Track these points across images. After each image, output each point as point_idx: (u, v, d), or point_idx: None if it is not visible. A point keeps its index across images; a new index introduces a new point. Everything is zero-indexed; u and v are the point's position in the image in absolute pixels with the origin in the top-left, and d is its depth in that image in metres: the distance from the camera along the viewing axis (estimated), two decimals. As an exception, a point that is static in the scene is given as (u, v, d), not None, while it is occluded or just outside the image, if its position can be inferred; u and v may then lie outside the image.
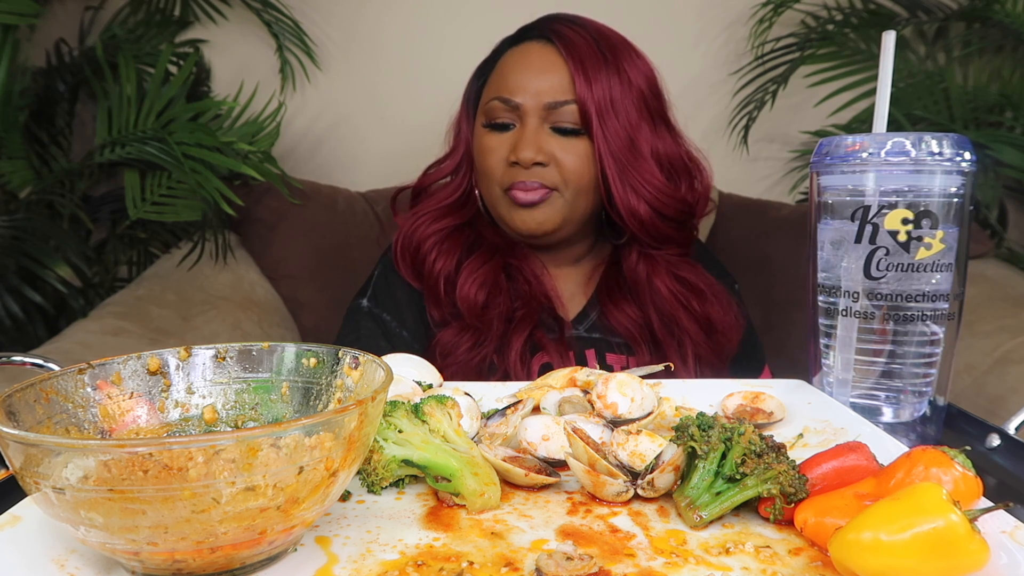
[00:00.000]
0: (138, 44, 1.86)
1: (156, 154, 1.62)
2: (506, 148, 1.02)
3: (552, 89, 1.00)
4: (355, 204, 1.81)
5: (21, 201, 1.73)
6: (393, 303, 1.08)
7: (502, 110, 1.02)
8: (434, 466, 0.49)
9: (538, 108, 1.00)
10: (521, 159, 0.99)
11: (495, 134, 1.03)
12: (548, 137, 1.00)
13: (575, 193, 1.01)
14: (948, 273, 0.61)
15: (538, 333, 1.02)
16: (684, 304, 1.04)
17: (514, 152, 1.00)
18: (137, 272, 1.85)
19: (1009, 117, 1.90)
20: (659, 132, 1.04)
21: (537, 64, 1.02)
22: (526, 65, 1.02)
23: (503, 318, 1.02)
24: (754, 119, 1.95)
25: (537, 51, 1.03)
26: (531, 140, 0.99)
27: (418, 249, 1.07)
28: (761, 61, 1.94)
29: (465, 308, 1.02)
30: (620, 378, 0.63)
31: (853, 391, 0.65)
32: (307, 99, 1.99)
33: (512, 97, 1.01)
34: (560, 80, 1.00)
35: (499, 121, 1.02)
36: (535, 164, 0.99)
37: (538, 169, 1.00)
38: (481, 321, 1.01)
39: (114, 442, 0.38)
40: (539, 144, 0.99)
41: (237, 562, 0.40)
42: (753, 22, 1.92)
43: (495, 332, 1.00)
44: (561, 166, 1.00)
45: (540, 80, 1.00)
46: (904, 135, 0.61)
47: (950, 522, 0.36)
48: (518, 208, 1.02)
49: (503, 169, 1.02)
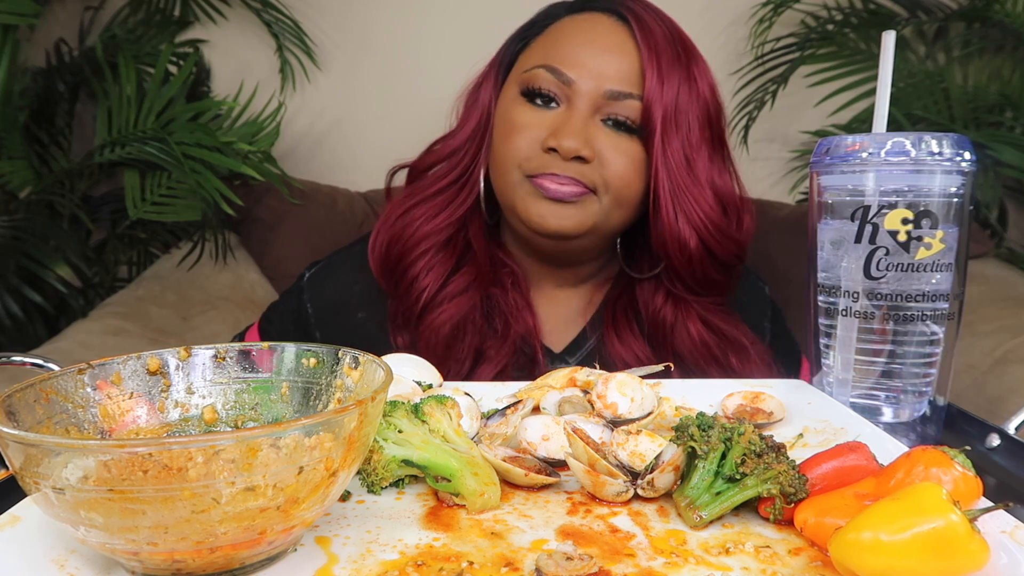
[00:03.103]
0: (138, 44, 1.86)
1: (156, 154, 1.62)
2: (543, 128, 0.84)
3: (618, 76, 0.83)
4: (355, 204, 1.81)
5: (21, 201, 1.73)
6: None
7: (549, 82, 0.84)
8: (434, 466, 0.49)
9: (596, 93, 0.83)
10: (563, 147, 0.82)
11: (532, 108, 0.86)
12: (598, 129, 0.84)
13: (614, 202, 0.86)
14: (948, 273, 0.61)
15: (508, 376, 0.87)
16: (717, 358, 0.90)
17: (554, 136, 0.82)
18: (137, 272, 1.85)
19: (1009, 117, 1.90)
20: (717, 157, 0.90)
21: (603, 41, 0.85)
22: (589, 38, 0.85)
23: (469, 357, 0.88)
24: (754, 119, 1.95)
25: (606, 26, 0.86)
26: (579, 128, 0.82)
27: (400, 253, 0.92)
28: (761, 61, 1.94)
29: (423, 339, 0.88)
30: (620, 378, 0.63)
31: (853, 391, 0.65)
32: (307, 99, 1.99)
33: (565, 70, 0.84)
34: (628, 67, 0.84)
35: (542, 91, 0.85)
36: (576, 158, 0.83)
37: (577, 164, 0.83)
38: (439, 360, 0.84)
39: (114, 442, 0.38)
40: (588, 135, 0.83)
41: (237, 562, 0.40)
42: (753, 22, 1.92)
43: (454, 374, 0.87)
44: (606, 166, 0.84)
45: (604, 60, 0.83)
46: (904, 135, 0.61)
47: (950, 522, 0.36)
48: (543, 200, 0.84)
49: (535, 152, 0.84)
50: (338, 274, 0.98)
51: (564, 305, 0.97)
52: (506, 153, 0.87)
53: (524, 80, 0.87)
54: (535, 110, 0.86)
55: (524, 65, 0.89)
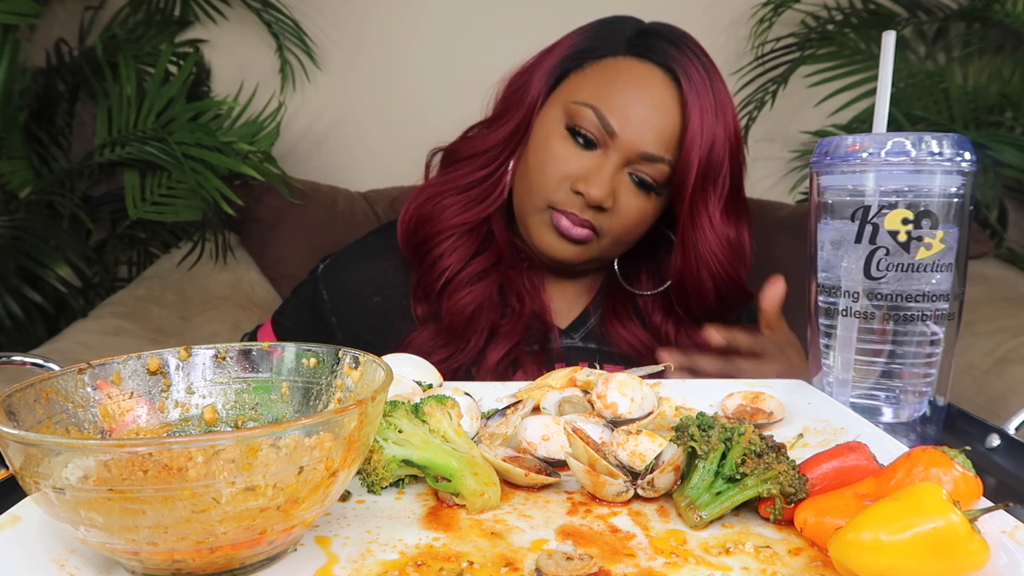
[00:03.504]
0: (138, 44, 1.86)
1: (156, 154, 1.62)
2: (576, 167, 0.90)
3: (656, 139, 0.88)
4: (355, 204, 1.81)
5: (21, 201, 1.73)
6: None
7: (593, 125, 0.89)
8: (434, 466, 0.49)
9: (633, 151, 0.89)
10: (590, 196, 0.88)
11: (572, 145, 0.90)
12: (623, 181, 0.90)
13: (614, 242, 0.94)
14: (948, 273, 0.61)
15: (519, 350, 0.95)
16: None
17: (584, 182, 0.88)
18: (137, 272, 1.85)
19: (1009, 117, 1.90)
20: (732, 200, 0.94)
21: (652, 99, 0.89)
22: (640, 93, 0.89)
23: (485, 332, 0.95)
24: (754, 119, 1.95)
25: (659, 83, 0.90)
26: (608, 179, 0.88)
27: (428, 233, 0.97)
28: (761, 61, 1.94)
29: (448, 317, 0.95)
30: (620, 378, 0.64)
31: (853, 391, 0.65)
32: (307, 99, 1.99)
33: (611, 120, 0.88)
34: (669, 131, 0.89)
35: (585, 132, 0.89)
36: (597, 207, 0.90)
37: (594, 212, 0.90)
38: (461, 336, 0.94)
39: (114, 442, 0.38)
40: (614, 187, 0.89)
41: (237, 562, 0.40)
42: (753, 22, 1.92)
43: (473, 346, 0.94)
44: (620, 217, 0.91)
45: (649, 121, 0.88)
46: (904, 135, 0.61)
47: (950, 522, 0.36)
48: (554, 233, 0.92)
49: (562, 188, 0.90)
50: (354, 262, 1.04)
51: (568, 287, 1.05)
52: (535, 178, 0.92)
53: (571, 113, 0.91)
54: (574, 147, 0.90)
55: (574, 94, 0.92)
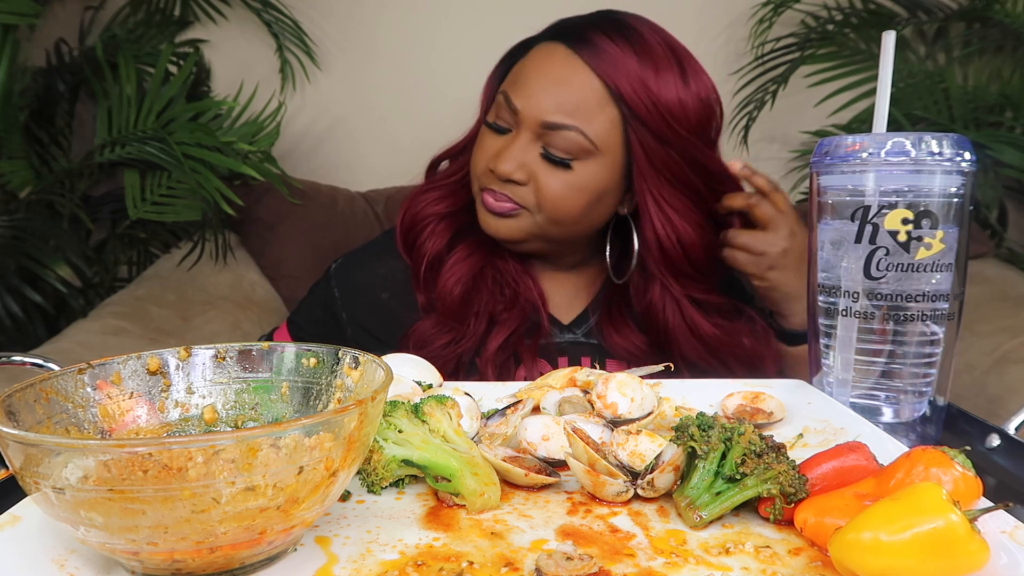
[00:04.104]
0: (138, 44, 1.86)
1: (156, 154, 1.62)
2: (491, 150, 0.94)
3: (555, 107, 0.89)
4: (355, 204, 1.81)
5: (21, 201, 1.73)
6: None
7: (503, 109, 0.93)
8: (434, 466, 0.49)
9: (535, 123, 0.90)
10: (497, 171, 0.91)
11: (491, 133, 0.95)
12: (536, 157, 0.91)
13: (548, 220, 0.93)
14: (948, 273, 0.61)
15: (519, 340, 0.95)
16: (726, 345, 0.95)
17: (494, 160, 0.92)
18: (137, 272, 1.85)
19: (1009, 117, 1.90)
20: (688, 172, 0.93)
21: (551, 75, 0.91)
22: (540, 69, 0.92)
23: (484, 318, 0.96)
24: (754, 119, 1.95)
25: (560, 60, 0.91)
26: (514, 154, 0.91)
27: (412, 226, 1.03)
28: (761, 61, 1.94)
29: (440, 301, 0.97)
30: (620, 378, 0.63)
31: (853, 391, 0.65)
32: (307, 99, 1.99)
33: (514, 99, 0.91)
34: (568, 98, 0.89)
35: (498, 123, 0.94)
36: (509, 181, 0.92)
37: (511, 186, 0.92)
38: (457, 318, 0.96)
39: (114, 442, 0.38)
40: (522, 160, 0.91)
41: (237, 562, 0.40)
42: (753, 22, 1.92)
43: (472, 331, 0.95)
44: (540, 191, 0.91)
45: (547, 94, 0.90)
46: (904, 135, 0.61)
47: (950, 522, 0.36)
48: (486, 211, 0.95)
49: (484, 171, 0.95)
50: (363, 262, 1.08)
51: (567, 283, 1.06)
52: (471, 164, 0.99)
53: (494, 104, 0.97)
54: (492, 134, 0.95)
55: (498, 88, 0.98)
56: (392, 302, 1.03)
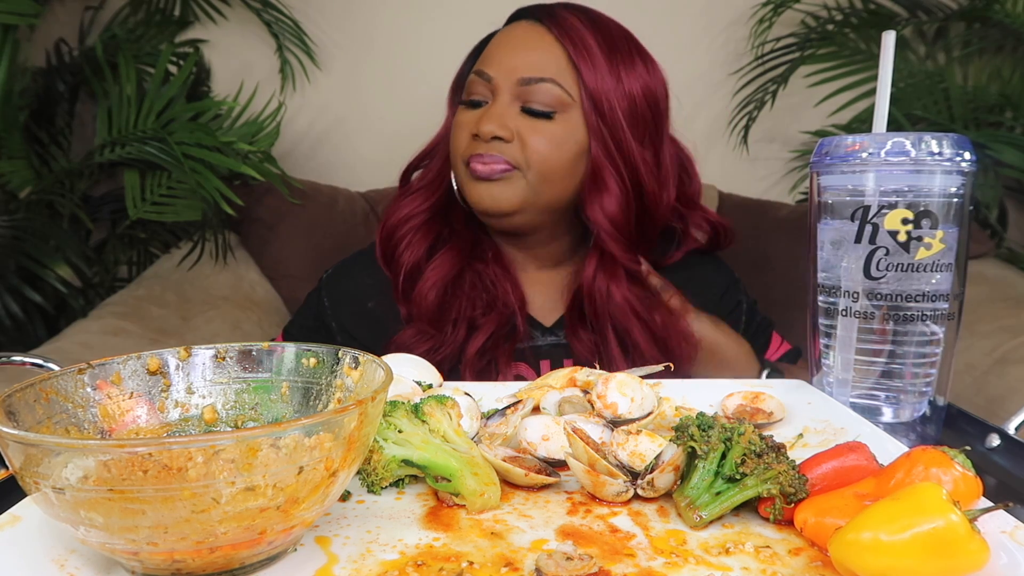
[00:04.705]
0: (138, 44, 1.86)
1: (156, 154, 1.62)
2: (472, 120, 0.97)
3: (528, 65, 0.95)
4: (355, 204, 1.81)
5: (21, 201, 1.73)
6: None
7: (477, 84, 0.98)
8: (434, 466, 0.49)
9: (511, 83, 0.95)
10: (481, 131, 0.94)
11: (468, 110, 0.99)
12: (517, 115, 0.96)
13: (539, 178, 0.96)
14: (948, 273, 0.61)
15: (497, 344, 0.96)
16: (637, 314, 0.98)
17: (478, 126, 0.96)
18: (137, 272, 1.85)
19: (1009, 117, 1.90)
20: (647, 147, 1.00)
21: (519, 40, 0.98)
22: (507, 41, 0.99)
23: (463, 324, 0.97)
24: (754, 119, 1.95)
25: (523, 28, 1.00)
26: (496, 114, 0.95)
27: (390, 238, 1.05)
28: (761, 61, 1.94)
29: (417, 307, 0.99)
30: (620, 378, 0.64)
31: (853, 391, 0.65)
32: (307, 99, 1.99)
33: (487, 69, 0.97)
34: (539, 57, 0.96)
35: (473, 98, 0.98)
36: (495, 138, 0.95)
37: (498, 143, 0.95)
38: (434, 324, 0.97)
39: (114, 442, 0.38)
40: (504, 119, 0.95)
41: (236, 562, 0.40)
42: (753, 22, 1.92)
43: (451, 338, 0.97)
44: (526, 146, 0.95)
45: (517, 55, 0.96)
46: (904, 135, 0.61)
47: (950, 522, 0.36)
48: (475, 181, 0.97)
49: (467, 142, 0.97)
50: (351, 272, 1.10)
51: (550, 285, 1.07)
52: (452, 150, 1.01)
53: (464, 89, 1.01)
54: (469, 111, 0.99)
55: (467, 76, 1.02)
56: (378, 310, 1.05)
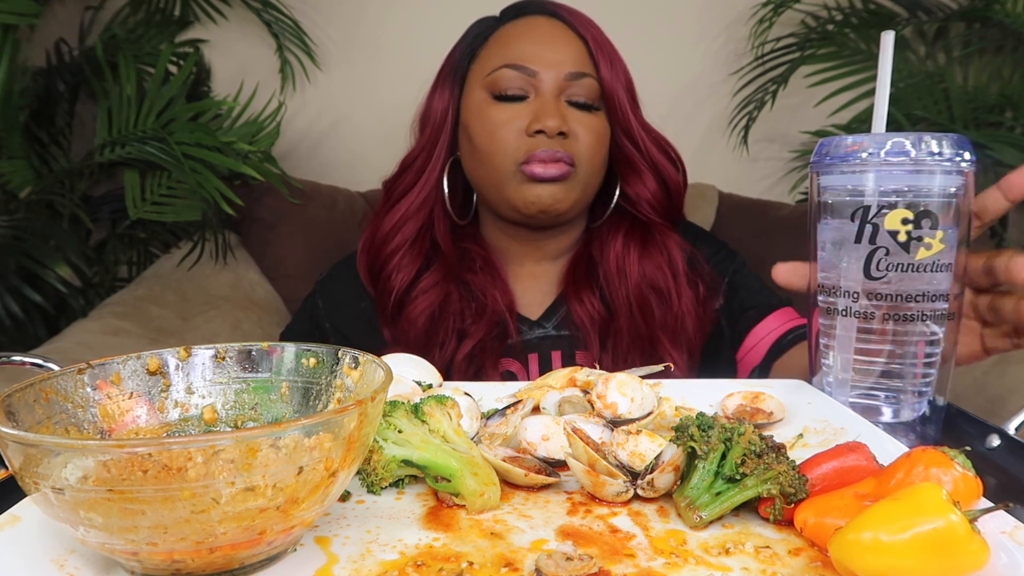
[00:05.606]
0: (138, 44, 1.86)
1: (156, 154, 1.62)
2: (523, 119, 0.95)
3: (571, 60, 0.96)
4: (355, 204, 1.81)
5: (21, 201, 1.73)
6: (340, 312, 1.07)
7: (515, 78, 0.95)
8: (434, 466, 0.49)
9: (558, 78, 0.95)
10: (548, 127, 0.92)
11: (507, 105, 0.96)
12: (566, 111, 0.96)
13: (589, 172, 0.97)
14: (948, 273, 0.61)
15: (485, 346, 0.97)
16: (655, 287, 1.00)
17: (537, 120, 0.93)
18: (137, 272, 1.85)
19: (1009, 117, 1.90)
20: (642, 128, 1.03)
21: (550, 35, 0.98)
22: (539, 36, 0.98)
23: (453, 336, 0.98)
24: (754, 119, 1.95)
25: (547, 23, 0.99)
26: (555, 109, 0.94)
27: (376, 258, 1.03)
28: (761, 61, 1.94)
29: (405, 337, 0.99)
30: (620, 378, 0.64)
31: (853, 391, 0.65)
32: (307, 99, 1.99)
33: (528, 64, 0.95)
34: (576, 52, 0.97)
35: (512, 88, 0.96)
36: (559, 134, 0.93)
37: (560, 140, 0.94)
38: (423, 349, 0.96)
39: (114, 442, 0.38)
40: (561, 114, 0.94)
41: (236, 562, 0.40)
42: (753, 22, 1.92)
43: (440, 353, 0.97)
44: (580, 141, 0.95)
45: (558, 50, 0.96)
46: (904, 135, 0.61)
47: (950, 522, 0.36)
48: (532, 183, 0.94)
49: (520, 140, 0.94)
50: (344, 275, 1.10)
51: (543, 278, 1.07)
52: (494, 149, 0.96)
53: (490, 83, 0.97)
54: (509, 106, 0.96)
55: (483, 71, 0.99)
56: (371, 311, 1.05)
